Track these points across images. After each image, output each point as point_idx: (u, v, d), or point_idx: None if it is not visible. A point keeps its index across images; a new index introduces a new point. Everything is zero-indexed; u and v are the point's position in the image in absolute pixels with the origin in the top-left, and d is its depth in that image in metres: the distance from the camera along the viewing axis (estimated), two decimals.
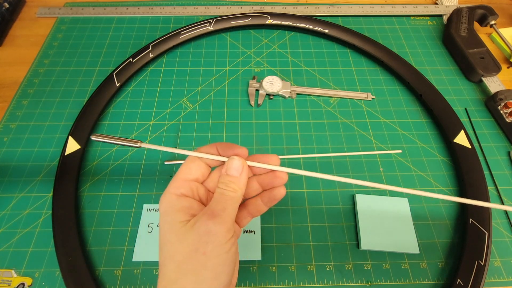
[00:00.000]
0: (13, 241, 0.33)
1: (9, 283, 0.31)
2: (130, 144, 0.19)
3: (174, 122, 0.42)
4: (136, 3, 0.55)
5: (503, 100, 0.41)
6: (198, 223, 0.17)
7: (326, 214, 0.35)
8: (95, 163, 0.38)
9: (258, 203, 0.21)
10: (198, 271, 0.16)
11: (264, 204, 0.21)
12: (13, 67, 0.47)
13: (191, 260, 0.16)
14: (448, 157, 0.39)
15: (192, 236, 0.16)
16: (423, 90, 0.43)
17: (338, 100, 0.44)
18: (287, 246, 0.33)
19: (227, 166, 0.18)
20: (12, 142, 0.39)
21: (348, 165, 0.38)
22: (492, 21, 0.50)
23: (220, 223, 0.16)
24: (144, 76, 0.46)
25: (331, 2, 0.57)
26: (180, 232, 0.17)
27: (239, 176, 0.18)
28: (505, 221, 0.35)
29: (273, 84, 0.44)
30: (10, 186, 0.36)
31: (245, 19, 0.50)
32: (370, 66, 0.48)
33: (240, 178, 0.18)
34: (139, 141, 0.19)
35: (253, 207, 0.21)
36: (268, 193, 0.21)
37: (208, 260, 0.16)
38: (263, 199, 0.21)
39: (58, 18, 0.53)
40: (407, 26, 0.53)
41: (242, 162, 0.18)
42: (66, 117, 0.41)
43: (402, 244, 0.33)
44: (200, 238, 0.16)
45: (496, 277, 0.32)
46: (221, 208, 0.17)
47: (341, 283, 0.31)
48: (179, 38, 0.48)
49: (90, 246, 0.33)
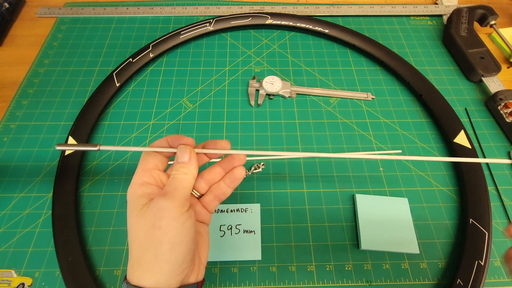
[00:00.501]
0: (13, 241, 0.33)
1: (9, 283, 0.31)
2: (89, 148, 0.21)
3: (174, 122, 0.42)
4: (136, 3, 0.55)
5: (503, 100, 0.41)
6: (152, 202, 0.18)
7: (326, 214, 0.35)
8: (95, 163, 0.38)
9: (221, 186, 0.23)
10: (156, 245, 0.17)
11: (227, 186, 0.23)
12: (13, 67, 0.47)
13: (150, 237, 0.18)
14: None
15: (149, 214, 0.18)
16: (423, 90, 0.43)
17: (338, 100, 0.44)
18: (287, 246, 0.33)
19: (177, 155, 0.20)
20: (12, 142, 0.39)
21: (348, 164, 0.38)
22: (492, 21, 0.50)
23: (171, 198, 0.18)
24: (144, 76, 0.46)
25: (331, 2, 0.57)
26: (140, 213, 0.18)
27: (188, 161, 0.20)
28: (505, 221, 0.35)
29: (273, 84, 0.44)
30: (10, 186, 0.36)
31: (245, 19, 0.50)
32: (370, 66, 0.48)
33: (189, 163, 0.20)
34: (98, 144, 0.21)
35: (218, 190, 0.23)
36: (229, 174, 0.23)
37: (164, 234, 0.18)
38: (226, 181, 0.23)
39: (58, 18, 0.53)
40: (407, 26, 0.53)
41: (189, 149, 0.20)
42: (66, 117, 0.41)
43: (402, 244, 0.33)
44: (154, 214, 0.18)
45: (496, 277, 0.32)
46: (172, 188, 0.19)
47: (341, 283, 0.31)
48: (179, 38, 0.48)
49: (90, 246, 0.33)
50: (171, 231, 0.18)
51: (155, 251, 0.18)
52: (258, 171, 0.37)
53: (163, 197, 0.18)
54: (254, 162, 0.38)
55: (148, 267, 0.18)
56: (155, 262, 0.18)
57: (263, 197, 0.36)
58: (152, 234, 0.18)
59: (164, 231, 0.18)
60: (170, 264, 0.18)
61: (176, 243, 0.18)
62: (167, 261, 0.18)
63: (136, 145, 0.39)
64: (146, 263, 0.18)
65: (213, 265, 0.32)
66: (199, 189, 0.23)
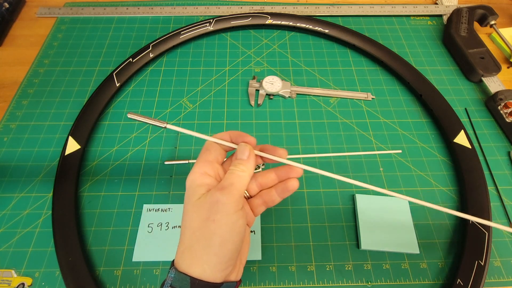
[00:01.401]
0: (13, 241, 0.33)
1: (9, 283, 0.31)
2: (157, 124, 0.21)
3: (174, 122, 0.42)
4: (136, 3, 0.55)
5: (503, 100, 0.41)
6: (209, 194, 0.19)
7: (326, 214, 0.35)
8: (95, 163, 0.38)
9: (272, 194, 0.23)
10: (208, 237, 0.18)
11: (278, 195, 0.23)
12: (13, 67, 0.47)
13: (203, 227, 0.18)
14: (448, 157, 0.39)
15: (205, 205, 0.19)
16: (423, 90, 0.43)
17: (338, 100, 0.44)
18: (287, 246, 0.33)
19: (237, 151, 0.21)
20: (12, 142, 0.39)
21: (348, 165, 0.38)
22: (492, 21, 0.50)
23: (227, 194, 0.19)
24: (144, 76, 0.46)
25: (331, 2, 0.57)
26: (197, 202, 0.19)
27: (247, 159, 0.21)
28: (505, 221, 0.35)
29: (273, 84, 0.44)
30: (10, 186, 0.36)
31: (245, 19, 0.50)
32: (370, 66, 0.48)
33: (248, 161, 0.21)
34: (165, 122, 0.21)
35: (268, 197, 0.23)
36: (282, 184, 0.23)
37: (217, 227, 0.18)
38: (277, 190, 0.23)
39: (58, 18, 0.53)
40: (407, 26, 0.53)
41: (249, 148, 0.21)
42: (66, 117, 0.41)
43: (402, 244, 0.33)
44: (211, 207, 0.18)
45: (496, 277, 0.32)
46: (229, 183, 0.19)
47: (341, 283, 0.31)
48: (179, 38, 0.48)
49: (90, 246, 0.33)
50: (224, 226, 0.18)
51: (206, 242, 0.18)
52: (258, 171, 0.37)
53: (221, 191, 0.19)
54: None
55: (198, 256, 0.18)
56: (205, 253, 0.18)
57: None
58: (206, 226, 0.18)
59: (217, 224, 0.18)
60: (218, 258, 0.18)
61: (227, 238, 0.18)
62: (215, 254, 0.18)
63: (136, 146, 0.39)
64: (196, 251, 0.18)
65: None
66: (250, 190, 0.24)
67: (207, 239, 0.18)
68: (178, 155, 0.39)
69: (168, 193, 0.36)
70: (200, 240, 0.18)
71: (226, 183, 0.19)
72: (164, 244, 0.33)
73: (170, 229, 0.33)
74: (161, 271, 0.32)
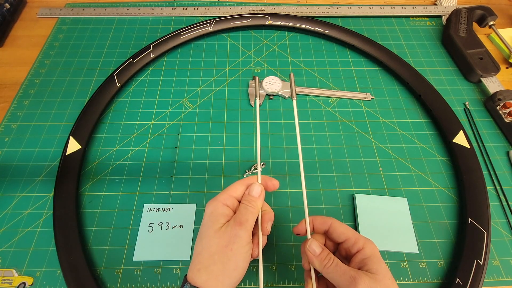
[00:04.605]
0: (14, 240, 0.33)
1: (10, 282, 0.31)
2: None
3: (175, 122, 0.42)
4: (137, 3, 0.55)
5: (502, 100, 0.42)
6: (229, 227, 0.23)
7: (326, 214, 0.35)
8: (96, 163, 0.38)
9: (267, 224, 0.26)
10: (225, 261, 0.22)
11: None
12: (14, 67, 0.47)
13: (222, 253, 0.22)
14: (447, 157, 0.40)
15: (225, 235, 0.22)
16: (422, 91, 0.44)
17: (337, 100, 0.44)
18: (287, 245, 0.33)
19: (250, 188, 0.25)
20: (13, 142, 0.39)
21: (348, 164, 0.39)
22: (491, 22, 0.50)
23: (244, 229, 0.22)
24: (144, 77, 0.46)
25: (330, 3, 0.57)
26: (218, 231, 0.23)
27: (258, 197, 0.24)
28: (504, 221, 0.35)
29: (273, 84, 0.44)
30: (11, 186, 0.36)
31: (245, 19, 0.51)
32: (370, 67, 0.48)
33: (258, 198, 0.24)
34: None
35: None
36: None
37: (233, 255, 0.22)
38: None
39: (59, 18, 0.53)
40: (406, 27, 0.54)
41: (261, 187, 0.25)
42: (67, 117, 0.42)
43: (401, 244, 0.33)
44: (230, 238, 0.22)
45: (495, 276, 0.32)
46: (245, 219, 0.23)
47: None
48: (179, 38, 0.48)
49: (91, 245, 0.33)
50: (239, 255, 0.22)
51: (223, 266, 0.22)
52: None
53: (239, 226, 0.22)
54: (254, 163, 0.38)
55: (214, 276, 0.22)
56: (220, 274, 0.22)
57: None
58: (224, 252, 0.22)
59: (234, 253, 0.22)
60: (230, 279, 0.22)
61: (239, 265, 0.22)
62: (229, 276, 0.22)
63: (136, 146, 0.39)
64: (213, 272, 0.22)
65: None
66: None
67: (224, 264, 0.22)
68: (178, 155, 0.39)
69: (169, 193, 0.36)
70: (217, 263, 0.22)
71: (243, 219, 0.23)
72: (164, 243, 0.33)
73: (171, 228, 0.34)
74: (161, 270, 0.32)
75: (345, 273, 0.21)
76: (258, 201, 0.24)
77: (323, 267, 0.22)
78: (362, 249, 0.22)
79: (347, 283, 0.21)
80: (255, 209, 0.24)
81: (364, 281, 0.20)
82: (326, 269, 0.22)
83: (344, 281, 0.21)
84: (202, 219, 0.25)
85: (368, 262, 0.22)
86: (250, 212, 0.23)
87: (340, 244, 0.24)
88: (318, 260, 0.23)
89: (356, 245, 0.23)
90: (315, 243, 0.23)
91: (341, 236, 0.23)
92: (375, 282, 0.20)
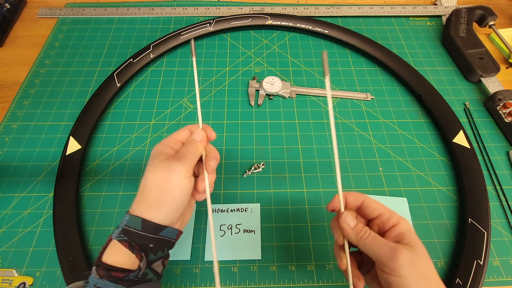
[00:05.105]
0: (14, 240, 0.33)
1: (10, 282, 0.31)
2: None
3: (175, 122, 0.42)
4: (137, 3, 0.55)
5: (502, 100, 0.42)
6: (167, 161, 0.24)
7: (325, 213, 0.35)
8: (96, 163, 0.38)
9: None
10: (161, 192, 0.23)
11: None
12: (14, 67, 0.47)
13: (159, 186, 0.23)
14: (447, 157, 0.40)
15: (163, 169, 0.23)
16: (422, 91, 0.44)
17: (337, 100, 0.44)
18: (287, 245, 0.33)
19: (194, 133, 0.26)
20: (13, 142, 0.39)
21: (348, 164, 0.39)
22: (491, 22, 0.50)
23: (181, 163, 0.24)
24: (144, 77, 0.46)
25: (330, 3, 0.57)
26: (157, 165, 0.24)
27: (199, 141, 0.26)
28: (504, 221, 0.35)
29: (273, 84, 0.44)
30: (11, 186, 0.36)
31: (245, 19, 0.51)
32: (370, 67, 0.48)
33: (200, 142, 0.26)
34: None
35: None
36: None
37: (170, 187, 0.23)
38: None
39: (59, 18, 0.53)
40: (406, 27, 0.54)
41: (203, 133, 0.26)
42: (67, 117, 0.42)
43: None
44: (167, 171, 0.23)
45: (495, 276, 0.32)
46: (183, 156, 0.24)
47: (340, 283, 0.32)
48: (179, 38, 0.48)
49: (91, 245, 0.33)
50: (175, 187, 0.23)
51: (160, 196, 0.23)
52: (258, 171, 0.38)
53: (176, 160, 0.24)
54: (254, 162, 0.38)
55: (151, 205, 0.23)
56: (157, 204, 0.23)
57: (263, 197, 0.36)
58: (161, 185, 0.23)
59: (170, 185, 0.23)
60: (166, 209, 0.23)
61: (176, 196, 0.23)
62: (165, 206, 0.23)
63: (136, 146, 0.39)
64: (150, 202, 0.23)
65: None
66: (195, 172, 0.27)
67: (160, 194, 0.23)
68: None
69: None
70: (154, 194, 0.23)
71: (181, 155, 0.24)
72: None
73: None
74: None
75: (384, 245, 0.21)
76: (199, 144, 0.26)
77: (359, 239, 0.22)
78: (397, 224, 0.22)
79: (387, 254, 0.21)
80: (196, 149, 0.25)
81: (405, 252, 0.20)
82: (363, 240, 0.22)
83: (384, 252, 0.21)
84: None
85: (405, 236, 0.22)
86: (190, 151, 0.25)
87: (372, 220, 0.24)
88: (354, 232, 0.22)
89: (391, 220, 0.23)
90: (350, 215, 0.23)
91: (374, 211, 0.23)
92: (415, 254, 0.20)
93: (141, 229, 0.23)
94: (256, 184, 0.37)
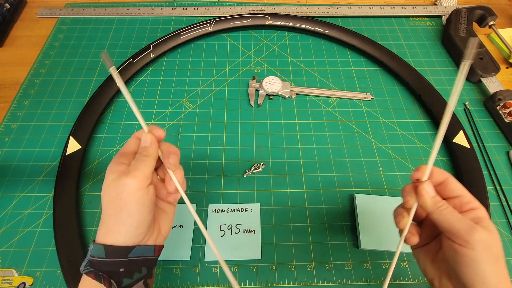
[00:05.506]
0: (14, 240, 0.33)
1: (10, 282, 0.31)
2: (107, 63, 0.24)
3: (175, 122, 0.42)
4: (137, 3, 0.55)
5: (502, 100, 0.42)
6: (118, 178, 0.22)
7: (325, 214, 0.35)
8: (96, 163, 0.38)
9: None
10: (117, 212, 0.22)
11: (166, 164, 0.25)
12: (14, 67, 0.47)
13: (113, 205, 0.22)
14: (447, 157, 0.40)
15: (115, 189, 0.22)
16: (422, 91, 0.44)
17: (337, 100, 0.44)
18: (287, 245, 0.33)
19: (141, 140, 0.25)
20: (13, 142, 0.40)
21: (348, 165, 0.39)
22: (491, 22, 0.50)
23: (132, 177, 0.22)
24: (144, 77, 0.46)
25: (330, 3, 0.57)
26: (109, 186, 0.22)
27: (149, 146, 0.24)
28: (504, 221, 0.35)
29: (273, 84, 0.44)
30: (11, 186, 0.36)
31: (245, 19, 0.51)
32: (370, 67, 0.48)
33: (150, 147, 0.24)
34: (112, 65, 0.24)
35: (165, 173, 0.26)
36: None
37: (124, 204, 0.22)
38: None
39: (59, 18, 0.53)
40: (406, 27, 0.54)
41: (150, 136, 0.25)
42: (67, 117, 0.42)
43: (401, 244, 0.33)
44: (118, 188, 0.22)
45: None
46: (134, 168, 0.23)
47: (340, 283, 0.32)
48: (179, 38, 0.48)
49: None
50: (130, 202, 0.22)
51: (116, 216, 0.22)
52: (258, 171, 0.38)
53: (126, 175, 0.22)
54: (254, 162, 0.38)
55: (110, 228, 0.22)
56: (115, 225, 0.22)
57: (263, 197, 0.36)
58: (115, 204, 0.22)
59: (124, 202, 0.22)
60: (126, 227, 0.22)
61: (133, 212, 0.22)
62: (124, 225, 0.22)
63: None
64: (108, 225, 0.22)
65: (213, 264, 0.32)
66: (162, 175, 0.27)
67: (117, 214, 0.22)
68: None
69: None
70: (111, 216, 0.22)
71: (131, 168, 0.23)
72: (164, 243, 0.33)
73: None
74: (161, 270, 0.32)
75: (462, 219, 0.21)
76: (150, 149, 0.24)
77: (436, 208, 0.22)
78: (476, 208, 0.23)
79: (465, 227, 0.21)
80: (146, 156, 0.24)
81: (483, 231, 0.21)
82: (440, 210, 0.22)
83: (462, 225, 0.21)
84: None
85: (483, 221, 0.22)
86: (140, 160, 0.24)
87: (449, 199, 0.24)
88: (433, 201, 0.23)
89: (470, 204, 0.23)
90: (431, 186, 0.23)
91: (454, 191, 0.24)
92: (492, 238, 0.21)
93: (105, 256, 0.21)
94: (256, 184, 0.37)
